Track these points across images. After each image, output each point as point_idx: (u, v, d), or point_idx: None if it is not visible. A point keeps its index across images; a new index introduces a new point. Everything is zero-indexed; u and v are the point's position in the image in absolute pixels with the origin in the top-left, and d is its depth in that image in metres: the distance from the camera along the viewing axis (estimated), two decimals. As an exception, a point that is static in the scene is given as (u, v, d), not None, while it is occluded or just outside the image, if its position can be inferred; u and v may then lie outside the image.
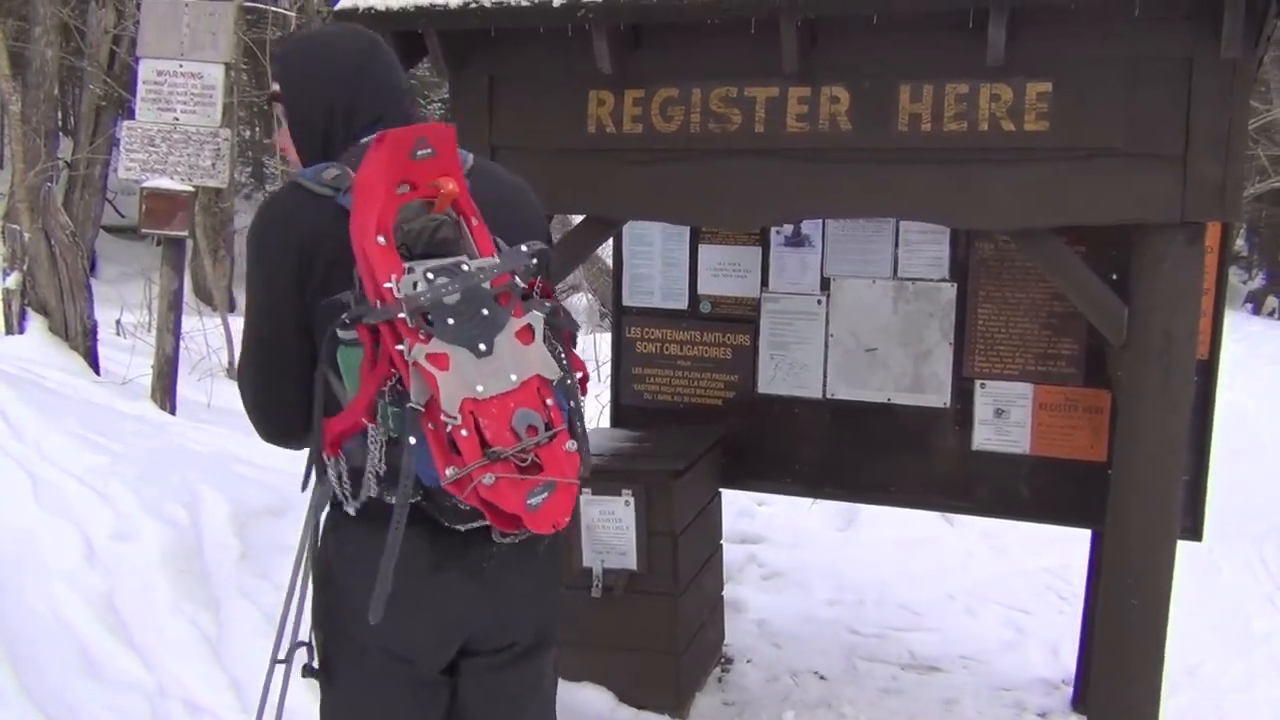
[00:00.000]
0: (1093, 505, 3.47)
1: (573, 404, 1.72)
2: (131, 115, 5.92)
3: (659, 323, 4.24)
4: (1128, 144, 2.74)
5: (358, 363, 1.63)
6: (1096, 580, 3.64)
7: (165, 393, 6.02)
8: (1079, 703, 3.89)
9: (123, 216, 12.88)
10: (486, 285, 1.62)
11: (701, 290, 4.20)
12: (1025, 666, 4.34)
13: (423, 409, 1.55)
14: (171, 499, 3.82)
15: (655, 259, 4.24)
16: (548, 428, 1.62)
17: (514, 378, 1.60)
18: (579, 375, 1.77)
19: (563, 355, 1.72)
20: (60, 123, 14.00)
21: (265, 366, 1.79)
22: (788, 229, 4.03)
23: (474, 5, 2.94)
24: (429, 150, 1.64)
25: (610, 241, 4.15)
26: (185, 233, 5.78)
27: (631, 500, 3.60)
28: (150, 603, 3.35)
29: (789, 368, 4.10)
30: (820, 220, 3.96)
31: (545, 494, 1.59)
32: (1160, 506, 2.94)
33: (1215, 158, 2.68)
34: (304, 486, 1.82)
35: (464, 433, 1.54)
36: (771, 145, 3.00)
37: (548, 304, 1.71)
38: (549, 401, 1.63)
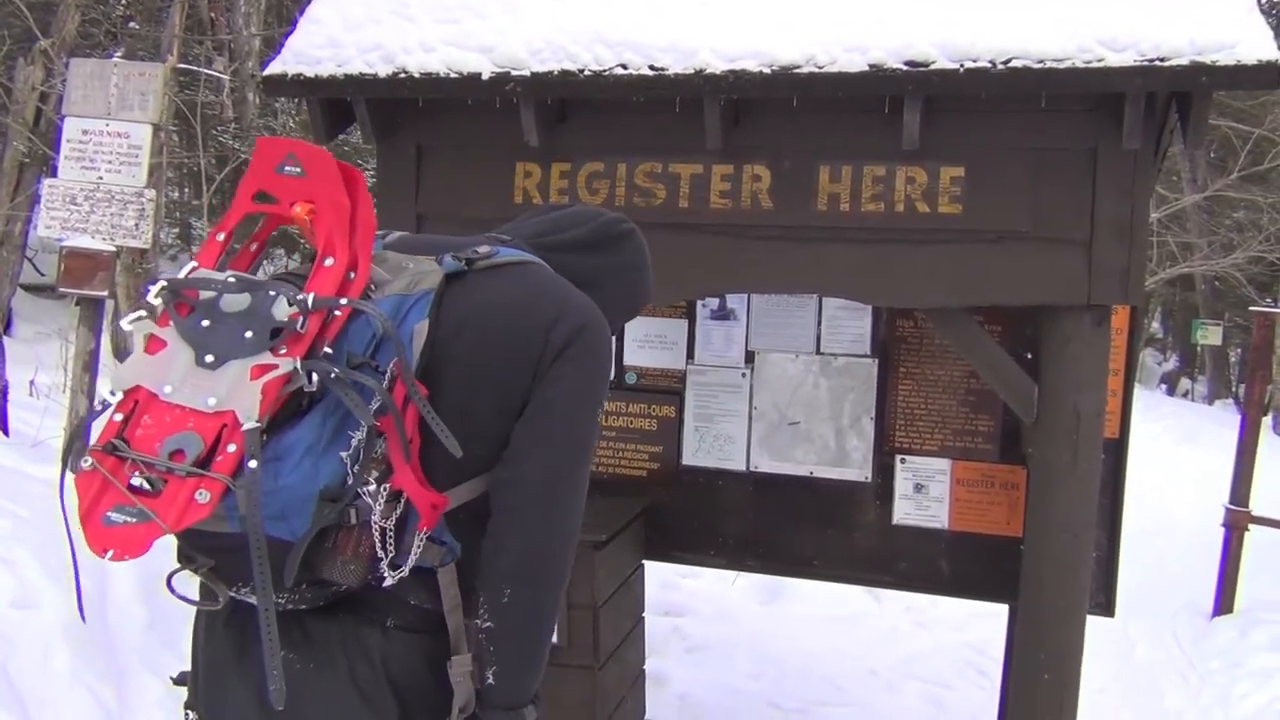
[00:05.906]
0: (1009, 581, 3.51)
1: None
2: (54, 173, 5.81)
3: (584, 393, 4.23)
4: (1036, 229, 2.84)
5: None
6: (1013, 655, 3.67)
7: (77, 455, 5.83)
8: (996, 779, 3.90)
9: (42, 275, 12.57)
10: (277, 314, 1.38)
11: (628, 361, 4.22)
12: (944, 742, 4.36)
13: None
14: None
15: (582, 329, 4.24)
16: (202, 465, 1.32)
17: (212, 401, 1.35)
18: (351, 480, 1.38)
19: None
20: (-18, 178, 13.67)
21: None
22: (714, 303, 4.08)
23: (403, 75, 2.96)
24: (298, 169, 1.50)
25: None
26: (105, 293, 5.64)
27: (552, 572, 3.56)
28: (48, 674, 3.22)
29: (714, 440, 4.12)
30: (746, 295, 4.02)
31: (130, 519, 1.32)
32: (1071, 582, 2.99)
33: (1119, 244, 2.78)
34: None
35: (116, 416, 1.37)
36: (695, 220, 3.05)
37: (334, 370, 1.37)
38: (230, 448, 1.33)
